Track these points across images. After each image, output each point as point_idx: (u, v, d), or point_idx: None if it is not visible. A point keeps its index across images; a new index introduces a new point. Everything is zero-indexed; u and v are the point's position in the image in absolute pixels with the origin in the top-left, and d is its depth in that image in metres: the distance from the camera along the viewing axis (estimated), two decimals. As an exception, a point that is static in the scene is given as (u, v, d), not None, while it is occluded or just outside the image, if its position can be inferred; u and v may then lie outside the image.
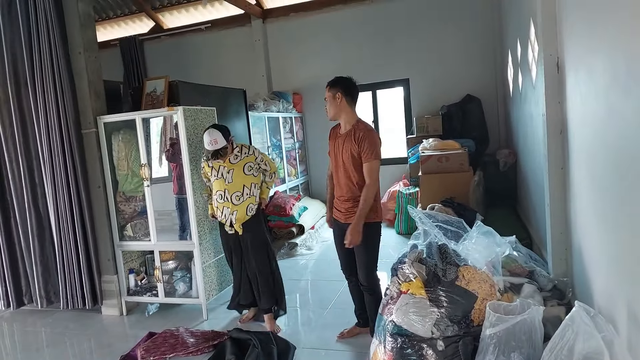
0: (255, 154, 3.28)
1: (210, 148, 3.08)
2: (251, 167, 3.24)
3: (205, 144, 3.12)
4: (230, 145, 3.18)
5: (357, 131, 2.69)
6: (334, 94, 2.72)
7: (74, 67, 3.64)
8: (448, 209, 4.08)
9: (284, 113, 6.23)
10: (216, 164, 3.20)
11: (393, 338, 2.23)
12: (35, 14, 3.58)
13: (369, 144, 2.63)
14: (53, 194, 3.68)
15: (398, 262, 2.52)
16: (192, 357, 2.94)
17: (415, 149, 5.48)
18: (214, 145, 3.07)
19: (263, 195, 3.36)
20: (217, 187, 3.22)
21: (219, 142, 3.07)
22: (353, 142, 2.67)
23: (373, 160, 2.64)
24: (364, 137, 2.64)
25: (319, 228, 5.82)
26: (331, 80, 2.77)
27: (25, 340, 3.60)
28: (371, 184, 2.64)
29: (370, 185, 2.64)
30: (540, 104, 2.84)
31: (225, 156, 3.16)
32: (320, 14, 6.56)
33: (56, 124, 3.60)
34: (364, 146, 2.63)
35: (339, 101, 2.71)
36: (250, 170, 3.23)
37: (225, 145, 3.10)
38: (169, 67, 7.03)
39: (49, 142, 3.65)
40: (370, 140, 2.64)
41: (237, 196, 3.19)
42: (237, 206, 3.18)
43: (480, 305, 2.17)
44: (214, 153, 3.10)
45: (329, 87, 2.75)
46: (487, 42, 5.88)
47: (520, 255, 2.89)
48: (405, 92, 6.39)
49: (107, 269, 3.78)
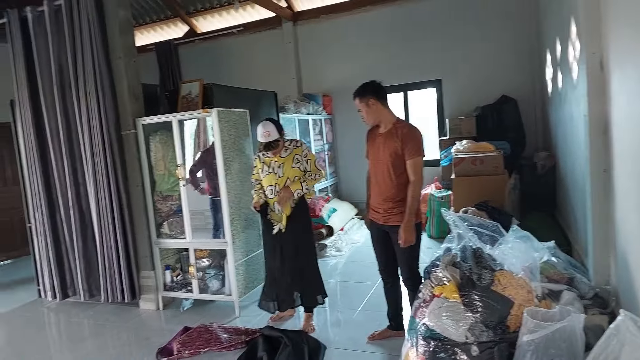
0: (302, 147, 3.29)
1: (262, 140, 3.13)
2: (298, 160, 3.25)
3: (258, 136, 3.16)
4: (282, 139, 3.23)
5: (398, 129, 2.68)
6: (366, 102, 2.71)
7: (114, 71, 3.78)
8: (482, 213, 3.98)
9: (313, 115, 6.27)
10: (267, 160, 3.26)
11: (426, 341, 2.21)
12: (79, 21, 3.74)
13: (412, 140, 2.62)
14: (95, 192, 3.83)
15: (431, 265, 2.49)
16: (225, 352, 3.01)
17: (448, 151, 5.39)
18: (266, 137, 3.11)
19: (295, 186, 3.21)
20: (268, 182, 3.27)
21: (271, 134, 3.11)
22: (395, 140, 2.66)
23: (417, 157, 2.63)
24: (407, 134, 2.64)
25: (348, 230, 5.81)
26: (357, 90, 2.75)
27: (70, 330, 3.78)
28: (417, 181, 2.64)
29: (416, 182, 2.64)
30: (582, 103, 2.75)
31: (276, 149, 3.20)
32: (350, 15, 6.56)
33: (98, 126, 3.76)
34: (407, 143, 2.62)
35: (374, 107, 2.71)
36: (297, 164, 3.24)
37: (277, 138, 3.14)
38: (203, 70, 7.18)
39: (91, 144, 3.81)
40: (413, 136, 2.64)
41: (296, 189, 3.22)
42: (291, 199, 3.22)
43: (517, 311, 2.12)
44: (267, 145, 3.14)
45: (359, 98, 2.73)
46: (523, 41, 5.72)
47: (560, 261, 2.80)
48: (438, 93, 6.30)
49: (144, 264, 3.91)
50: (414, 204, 2.64)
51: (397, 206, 2.69)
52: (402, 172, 2.68)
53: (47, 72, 3.92)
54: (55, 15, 3.85)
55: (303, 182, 3.25)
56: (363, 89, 2.73)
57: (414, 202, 2.63)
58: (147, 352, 3.14)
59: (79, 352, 3.31)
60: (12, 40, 4.02)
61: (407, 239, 2.62)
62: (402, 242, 2.63)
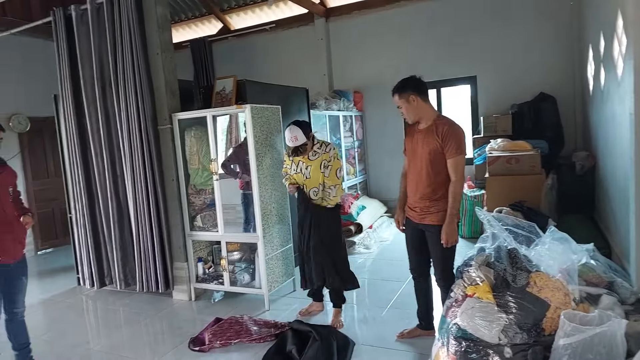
0: (330, 153, 3.26)
1: (291, 145, 3.17)
2: (325, 165, 3.24)
3: (286, 140, 3.21)
4: (311, 141, 3.25)
5: (439, 126, 2.61)
6: (407, 98, 2.63)
7: (152, 67, 3.89)
8: (517, 214, 3.88)
9: (344, 112, 6.25)
10: (296, 159, 3.29)
11: (457, 341, 2.18)
12: (119, 18, 3.86)
13: (453, 139, 2.55)
14: (132, 185, 3.96)
15: (464, 264, 2.46)
16: (254, 344, 3.06)
17: (482, 150, 5.28)
18: (294, 142, 3.15)
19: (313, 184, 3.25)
20: (297, 180, 3.32)
21: (299, 139, 3.14)
22: (436, 138, 2.59)
23: (458, 156, 2.57)
24: (448, 132, 2.56)
25: (377, 228, 5.78)
26: (397, 86, 2.67)
27: (106, 317, 3.94)
28: (458, 180, 2.58)
29: (457, 182, 2.58)
30: (627, 101, 2.63)
31: (304, 152, 3.23)
32: (383, 11, 6.50)
33: (136, 121, 3.87)
34: (449, 141, 2.55)
35: (415, 103, 2.63)
36: (323, 169, 3.24)
37: (305, 142, 3.17)
38: (235, 66, 7.29)
39: (130, 138, 3.93)
40: (455, 135, 2.57)
41: (314, 192, 3.26)
42: (314, 201, 3.25)
43: (553, 314, 2.07)
44: (294, 149, 3.18)
45: (399, 94, 2.65)
46: (563, 36, 5.52)
47: (599, 264, 2.70)
48: (472, 90, 6.17)
49: (178, 256, 4.02)
50: (456, 205, 2.58)
51: (434, 205, 2.64)
52: (441, 171, 2.62)
53: (88, 68, 4.07)
54: (97, 12, 3.99)
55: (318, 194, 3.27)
56: (403, 84, 2.65)
57: (455, 202, 2.57)
58: (179, 341, 3.24)
59: (114, 338, 3.44)
60: (58, 38, 4.20)
61: (449, 240, 2.58)
62: (445, 243, 2.58)
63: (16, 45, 5.92)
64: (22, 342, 2.83)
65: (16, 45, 5.92)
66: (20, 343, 2.83)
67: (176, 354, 3.07)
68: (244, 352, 3.01)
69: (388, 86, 2.83)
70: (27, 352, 2.87)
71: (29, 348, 2.87)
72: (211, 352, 3.04)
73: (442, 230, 2.59)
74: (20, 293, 2.76)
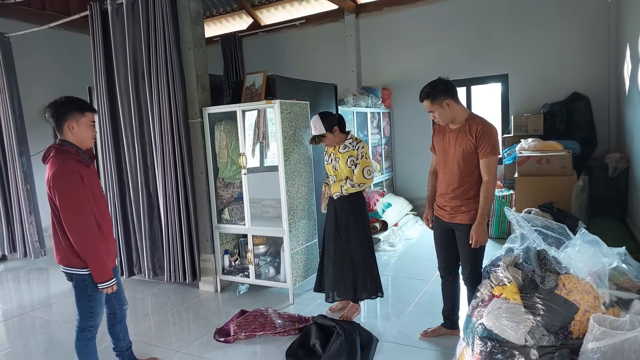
0: (358, 151, 3.28)
1: (312, 132, 3.32)
2: (352, 161, 3.28)
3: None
4: (344, 135, 3.34)
5: (472, 125, 2.58)
6: (440, 104, 2.58)
7: (184, 61, 3.97)
8: (546, 215, 3.80)
9: (372, 108, 6.23)
10: (329, 150, 3.40)
11: (482, 341, 2.17)
12: (153, 13, 3.95)
13: (488, 138, 2.53)
14: (162, 177, 4.06)
15: (491, 264, 2.43)
16: (279, 337, 3.11)
17: (512, 149, 5.18)
18: (313, 131, 3.30)
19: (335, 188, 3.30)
20: (328, 171, 3.44)
21: (317, 128, 3.26)
22: (469, 137, 2.57)
23: (492, 156, 2.55)
24: (482, 131, 2.54)
25: (402, 225, 5.76)
26: (426, 92, 2.60)
27: (135, 305, 4.04)
28: (490, 181, 2.56)
29: (490, 182, 2.56)
30: (666, 103, 2.54)
31: (325, 142, 3.33)
32: (413, 7, 6.44)
33: (167, 114, 3.96)
34: (483, 141, 2.53)
35: (448, 107, 2.59)
36: (350, 165, 3.28)
37: (323, 133, 3.24)
38: (265, 62, 7.36)
39: (161, 130, 4.02)
40: (489, 134, 2.54)
41: (341, 185, 3.30)
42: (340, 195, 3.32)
43: (581, 317, 2.03)
44: (313, 137, 3.33)
45: (430, 100, 2.59)
46: (598, 35, 5.35)
47: (631, 268, 2.61)
48: (503, 89, 6.05)
49: (205, 248, 4.10)
50: (487, 205, 2.56)
51: (465, 204, 2.63)
52: (473, 170, 2.60)
53: (122, 61, 4.18)
54: (132, 7, 4.09)
55: (343, 186, 3.27)
56: (433, 90, 2.58)
57: (487, 202, 2.56)
58: (205, 332, 3.31)
59: (142, 326, 3.55)
60: (94, 32, 4.31)
61: (479, 240, 2.57)
62: (474, 243, 2.57)
63: (54, 39, 6.14)
64: (129, 339, 2.81)
65: (54, 39, 6.14)
66: (128, 341, 2.80)
67: (201, 344, 3.14)
68: (268, 344, 3.06)
69: (417, 83, 2.82)
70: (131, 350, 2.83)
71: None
72: (236, 343, 3.10)
73: (471, 230, 2.58)
74: (123, 289, 2.75)
